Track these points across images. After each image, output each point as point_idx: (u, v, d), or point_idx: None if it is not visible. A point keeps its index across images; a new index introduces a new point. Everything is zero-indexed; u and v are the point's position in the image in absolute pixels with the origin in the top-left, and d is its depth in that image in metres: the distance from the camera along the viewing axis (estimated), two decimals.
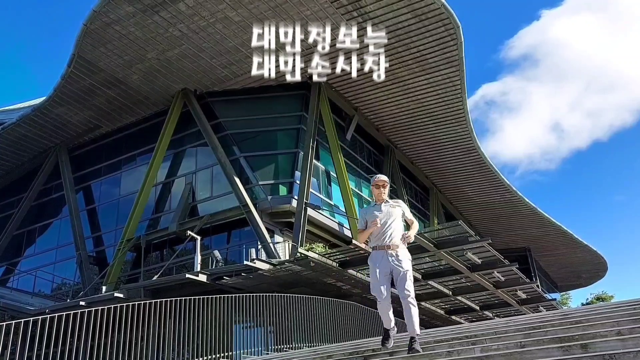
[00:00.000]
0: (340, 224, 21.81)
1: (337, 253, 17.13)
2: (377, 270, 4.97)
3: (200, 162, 22.46)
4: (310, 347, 12.28)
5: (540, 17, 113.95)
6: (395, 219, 5.09)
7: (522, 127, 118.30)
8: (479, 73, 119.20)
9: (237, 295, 12.34)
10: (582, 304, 49.55)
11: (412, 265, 5.22)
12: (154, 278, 18.46)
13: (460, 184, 30.42)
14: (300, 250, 16.86)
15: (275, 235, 20.02)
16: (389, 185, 5.20)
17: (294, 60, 11.89)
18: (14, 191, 27.39)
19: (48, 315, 9.38)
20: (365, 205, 22.15)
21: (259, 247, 18.79)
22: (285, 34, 11.46)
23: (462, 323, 22.70)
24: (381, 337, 5.31)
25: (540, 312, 20.14)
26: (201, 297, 11.30)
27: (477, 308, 26.27)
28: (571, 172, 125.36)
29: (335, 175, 21.87)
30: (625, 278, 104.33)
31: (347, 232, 21.35)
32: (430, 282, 19.86)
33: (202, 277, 16.90)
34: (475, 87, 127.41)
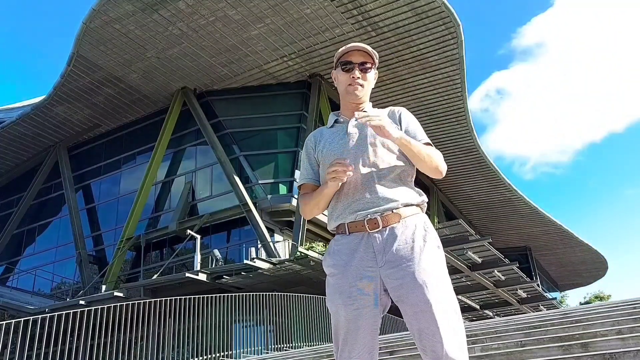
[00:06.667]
0: None
1: None
2: (344, 283, 1.85)
3: (200, 161, 22.44)
4: (310, 346, 12.26)
5: (554, 4, 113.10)
6: (387, 152, 1.96)
7: (535, 117, 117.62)
8: (490, 61, 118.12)
9: (237, 294, 12.34)
10: (581, 303, 49.59)
11: None
12: (154, 277, 18.45)
13: (461, 183, 30.40)
14: (300, 249, 16.87)
15: (275, 234, 20.00)
16: (375, 67, 2.08)
17: (294, 58, 11.91)
18: (14, 190, 27.37)
19: (48, 315, 9.38)
20: None
21: (259, 246, 18.78)
22: (286, 31, 11.46)
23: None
24: None
25: (541, 311, 20.14)
26: (201, 296, 11.31)
27: (478, 307, 26.31)
28: (584, 165, 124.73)
29: None
30: (628, 276, 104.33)
31: None
32: None
33: (202, 276, 16.91)
34: (485, 76, 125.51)
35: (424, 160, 1.90)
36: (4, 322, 8.17)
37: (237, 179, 20.30)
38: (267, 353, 11.81)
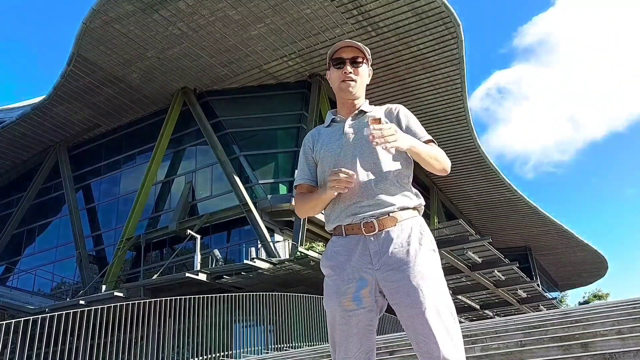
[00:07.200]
0: None
1: None
2: (340, 284, 1.85)
3: (200, 161, 22.45)
4: (310, 346, 12.26)
5: (556, 3, 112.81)
6: (385, 154, 1.88)
7: (536, 116, 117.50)
8: (491, 60, 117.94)
9: (237, 294, 12.34)
10: (580, 303, 49.57)
11: None
12: (154, 277, 18.44)
13: (461, 183, 30.39)
14: (300, 249, 16.87)
15: (275, 234, 20.00)
16: (368, 63, 2.05)
17: (294, 58, 11.90)
18: (14, 190, 27.38)
19: (48, 314, 9.39)
20: None
21: (259, 246, 18.78)
22: (286, 31, 11.45)
23: (462, 322, 22.70)
24: None
25: (541, 311, 20.14)
26: (201, 296, 11.30)
27: (478, 307, 26.30)
28: (585, 164, 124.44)
29: None
30: (628, 276, 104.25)
31: None
32: None
33: (202, 276, 16.91)
34: (486, 75, 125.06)
35: (433, 165, 1.89)
36: (4, 322, 8.17)
37: (237, 179, 20.30)
38: (267, 353, 11.81)
